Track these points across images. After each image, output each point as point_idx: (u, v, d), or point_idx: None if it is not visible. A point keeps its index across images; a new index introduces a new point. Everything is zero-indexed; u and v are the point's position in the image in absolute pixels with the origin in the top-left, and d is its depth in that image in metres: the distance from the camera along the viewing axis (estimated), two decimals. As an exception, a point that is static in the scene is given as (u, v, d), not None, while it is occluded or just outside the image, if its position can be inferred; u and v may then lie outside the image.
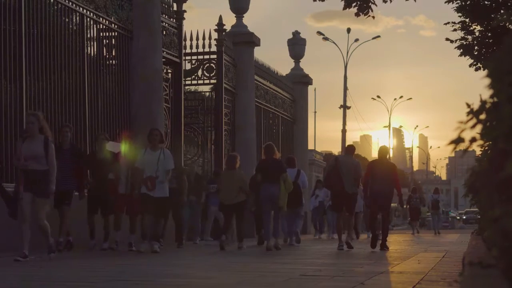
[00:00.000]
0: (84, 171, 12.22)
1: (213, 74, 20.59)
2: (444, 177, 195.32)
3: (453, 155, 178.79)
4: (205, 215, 17.27)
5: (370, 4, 13.90)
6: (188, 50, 19.85)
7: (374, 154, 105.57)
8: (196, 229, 16.69)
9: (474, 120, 2.54)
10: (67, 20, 14.14)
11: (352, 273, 7.20)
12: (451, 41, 16.19)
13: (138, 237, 12.47)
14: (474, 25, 16.00)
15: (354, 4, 13.95)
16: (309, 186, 22.76)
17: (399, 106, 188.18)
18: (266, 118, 24.88)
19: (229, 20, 22.32)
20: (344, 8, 14.08)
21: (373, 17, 13.99)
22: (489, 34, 15.93)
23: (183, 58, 18.95)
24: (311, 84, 29.53)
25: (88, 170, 12.51)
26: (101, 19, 15.09)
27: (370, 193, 13.32)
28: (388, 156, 14.28)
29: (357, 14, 14.03)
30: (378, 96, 61.77)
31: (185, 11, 18.52)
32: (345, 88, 44.36)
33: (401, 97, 63.23)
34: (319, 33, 42.17)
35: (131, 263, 9.16)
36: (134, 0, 16.13)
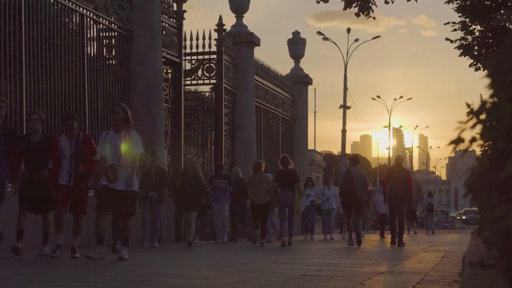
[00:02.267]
0: (18, 157, 9.87)
1: (213, 74, 20.58)
2: (444, 177, 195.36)
3: (453, 155, 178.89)
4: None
5: (370, 4, 13.86)
6: (188, 50, 19.84)
7: (374, 154, 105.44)
8: (155, 230, 14.35)
9: (474, 120, 2.54)
10: (67, 20, 14.14)
11: (352, 273, 7.20)
12: (451, 41, 16.18)
13: (91, 241, 10.35)
14: (474, 25, 15.98)
15: (354, 4, 13.90)
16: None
17: (399, 106, 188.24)
18: (266, 118, 24.88)
19: (229, 20, 22.33)
20: (345, 8, 14.04)
21: (374, 17, 13.94)
22: (489, 34, 15.92)
23: (183, 58, 18.94)
24: (311, 84, 29.52)
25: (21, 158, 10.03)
26: (101, 19, 15.09)
27: (387, 197, 15.31)
28: (403, 163, 16.36)
29: (357, 14, 13.98)
30: (378, 96, 61.83)
31: (185, 11, 18.52)
32: (345, 88, 44.36)
33: (401, 97, 63.31)
34: (319, 33, 42.19)
35: (131, 263, 9.16)
36: (134, 0, 16.13)
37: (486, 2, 15.54)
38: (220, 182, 16.39)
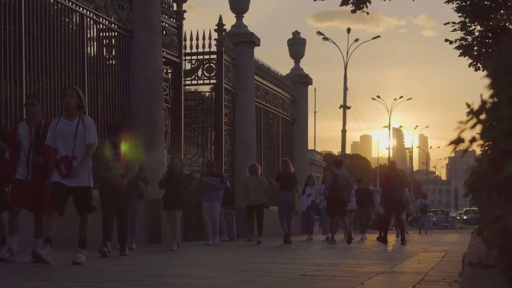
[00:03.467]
0: None
1: (213, 74, 20.59)
2: (444, 177, 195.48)
3: (453, 155, 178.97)
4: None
5: (366, 0, 13.85)
6: (188, 50, 19.84)
7: (374, 154, 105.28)
8: (133, 229, 13.27)
9: (474, 120, 2.54)
10: (67, 20, 14.14)
11: (352, 273, 7.20)
12: (450, 42, 16.19)
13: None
14: (474, 25, 15.98)
15: (351, 1, 13.90)
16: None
17: (399, 106, 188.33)
18: (266, 118, 24.88)
19: (229, 20, 22.33)
20: (341, 5, 14.04)
21: (367, 13, 13.92)
22: (489, 34, 15.92)
23: (183, 58, 18.94)
24: (311, 84, 29.52)
25: None
26: (101, 19, 15.09)
27: (385, 200, 16.25)
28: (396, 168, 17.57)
29: (353, 11, 13.99)
30: (378, 96, 61.83)
31: (185, 11, 18.52)
32: (345, 88, 44.34)
33: (401, 97, 63.29)
34: (319, 33, 42.17)
35: (131, 263, 9.16)
36: (134, 0, 16.13)
37: (486, 2, 15.54)
38: (211, 180, 15.83)
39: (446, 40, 16.28)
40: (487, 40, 16.03)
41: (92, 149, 8.54)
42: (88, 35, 14.82)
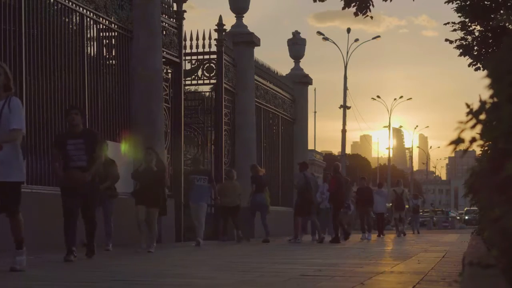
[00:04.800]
0: None
1: (213, 74, 20.59)
2: (444, 177, 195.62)
3: (453, 155, 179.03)
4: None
5: (368, 4, 13.85)
6: (188, 50, 19.84)
7: (374, 154, 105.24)
8: (108, 230, 12.41)
9: (474, 120, 2.54)
10: (67, 20, 14.13)
11: (352, 273, 7.20)
12: (450, 42, 16.19)
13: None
14: (474, 25, 15.99)
15: (353, 4, 13.90)
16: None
17: (399, 106, 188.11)
18: (266, 118, 24.87)
19: (229, 20, 22.33)
20: (344, 8, 14.05)
21: (371, 17, 13.92)
22: (489, 34, 15.93)
23: (183, 58, 18.94)
24: (311, 84, 29.51)
25: None
26: (101, 19, 15.09)
27: (333, 200, 17.59)
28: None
29: (355, 14, 13.98)
30: (378, 96, 61.89)
31: (185, 11, 18.52)
32: (345, 88, 44.34)
33: (401, 97, 63.40)
34: (319, 33, 42.18)
35: (130, 263, 9.16)
36: (134, 0, 16.13)
37: (486, 2, 15.55)
38: (198, 179, 15.17)
39: (446, 40, 16.29)
40: (487, 40, 16.03)
41: (15, 135, 7.16)
42: (88, 35, 14.82)
